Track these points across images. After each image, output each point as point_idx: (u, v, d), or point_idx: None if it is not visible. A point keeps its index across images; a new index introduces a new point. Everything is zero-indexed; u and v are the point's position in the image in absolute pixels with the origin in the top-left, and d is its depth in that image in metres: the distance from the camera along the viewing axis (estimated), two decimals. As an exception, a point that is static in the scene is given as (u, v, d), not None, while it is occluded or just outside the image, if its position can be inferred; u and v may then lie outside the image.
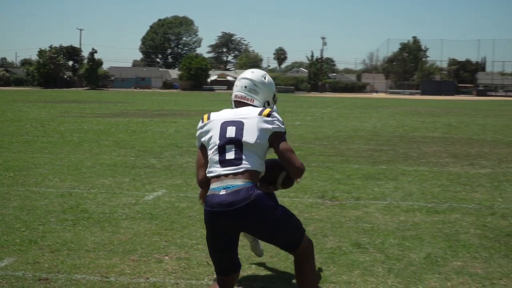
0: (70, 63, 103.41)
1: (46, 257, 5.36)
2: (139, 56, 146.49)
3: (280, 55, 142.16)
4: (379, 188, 8.90)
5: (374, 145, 15.25)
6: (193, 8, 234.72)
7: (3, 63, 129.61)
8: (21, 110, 28.90)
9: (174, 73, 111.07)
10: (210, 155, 3.69)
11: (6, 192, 8.30)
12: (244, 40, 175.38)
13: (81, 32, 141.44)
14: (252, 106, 3.86)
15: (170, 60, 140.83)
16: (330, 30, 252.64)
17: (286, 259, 5.29)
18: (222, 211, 3.51)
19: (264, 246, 5.25)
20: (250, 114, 3.71)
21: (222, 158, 3.62)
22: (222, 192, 3.53)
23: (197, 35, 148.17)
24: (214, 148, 3.67)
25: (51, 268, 5.05)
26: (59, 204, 7.58)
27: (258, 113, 3.71)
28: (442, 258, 5.48)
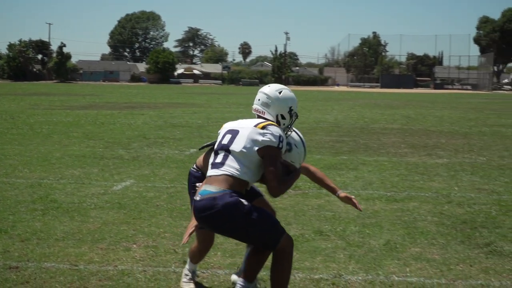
0: (40, 57, 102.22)
1: (16, 246, 5.39)
2: (108, 50, 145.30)
3: (245, 50, 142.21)
4: (341, 177, 9.10)
5: (336, 136, 15.52)
6: (160, 3, 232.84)
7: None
8: (-11, 103, 28.36)
9: (142, 66, 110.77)
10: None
11: (-29, 183, 8.23)
12: (210, 35, 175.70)
13: (50, 26, 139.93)
14: (262, 119, 3.96)
15: (138, 54, 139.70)
16: (294, 25, 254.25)
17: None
18: (197, 217, 3.76)
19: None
20: (247, 125, 3.86)
21: (212, 161, 3.86)
22: (197, 197, 3.74)
23: (164, 30, 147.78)
24: (213, 152, 3.92)
25: (21, 256, 5.09)
26: (29, 194, 7.59)
27: (254, 124, 3.84)
28: (401, 244, 5.65)
